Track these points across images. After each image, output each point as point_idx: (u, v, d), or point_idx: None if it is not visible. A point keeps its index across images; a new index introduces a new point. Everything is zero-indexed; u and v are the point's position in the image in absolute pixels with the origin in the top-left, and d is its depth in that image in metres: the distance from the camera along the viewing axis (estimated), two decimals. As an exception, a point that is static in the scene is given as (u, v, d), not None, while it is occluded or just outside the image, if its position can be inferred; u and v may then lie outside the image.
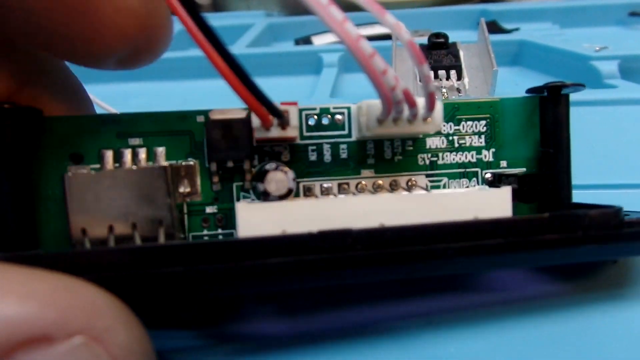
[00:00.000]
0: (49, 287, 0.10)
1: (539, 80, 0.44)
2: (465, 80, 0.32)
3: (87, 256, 0.13)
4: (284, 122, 0.15)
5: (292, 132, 0.16)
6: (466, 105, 0.19)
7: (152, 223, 0.15)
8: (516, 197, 0.17)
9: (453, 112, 0.19)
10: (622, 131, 0.31)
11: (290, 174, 0.16)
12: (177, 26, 0.15)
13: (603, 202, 0.24)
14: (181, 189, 0.17)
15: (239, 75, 0.14)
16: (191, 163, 0.17)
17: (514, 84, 0.41)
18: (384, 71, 0.14)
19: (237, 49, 0.51)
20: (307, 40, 0.56)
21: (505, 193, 0.17)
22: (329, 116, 0.18)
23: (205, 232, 0.18)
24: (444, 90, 0.32)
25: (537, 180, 0.18)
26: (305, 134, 0.18)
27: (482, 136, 0.19)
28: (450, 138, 0.19)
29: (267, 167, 0.16)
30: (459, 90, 0.32)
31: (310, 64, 0.47)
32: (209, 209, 0.18)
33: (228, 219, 0.18)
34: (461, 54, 0.33)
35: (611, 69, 0.38)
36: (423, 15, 0.59)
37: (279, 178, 0.16)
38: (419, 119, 0.16)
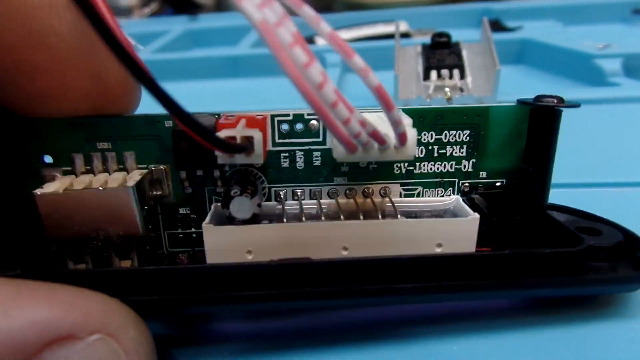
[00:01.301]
0: (70, 295, 0.12)
1: (542, 78, 0.43)
2: (468, 79, 0.31)
3: (69, 276, 0.14)
4: (247, 150, 0.15)
5: (256, 159, 0.15)
6: (451, 112, 0.18)
7: (124, 238, 0.16)
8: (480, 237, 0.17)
9: (436, 120, 0.18)
10: (626, 129, 0.30)
11: (256, 199, 0.16)
12: (178, 28, 0.13)
13: (605, 201, 0.24)
14: (153, 192, 0.18)
15: (180, 118, 0.13)
16: (161, 167, 0.17)
17: (518, 82, 0.42)
18: (346, 120, 0.13)
19: (240, 49, 0.51)
20: (310, 40, 0.55)
21: (473, 223, 0.16)
22: (303, 123, 0.17)
23: (180, 230, 0.18)
24: (447, 89, 0.31)
25: (505, 206, 0.17)
26: (278, 140, 0.17)
27: (464, 146, 0.18)
28: (430, 147, 0.18)
29: (232, 192, 0.16)
30: (461, 89, 0.31)
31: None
32: (182, 210, 0.18)
33: (201, 219, 0.18)
34: (464, 53, 0.32)
35: (614, 67, 0.38)
36: (426, 13, 0.59)
37: (243, 204, 0.16)
38: (391, 148, 0.15)
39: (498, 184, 0.18)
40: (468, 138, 0.18)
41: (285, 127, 0.17)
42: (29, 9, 0.14)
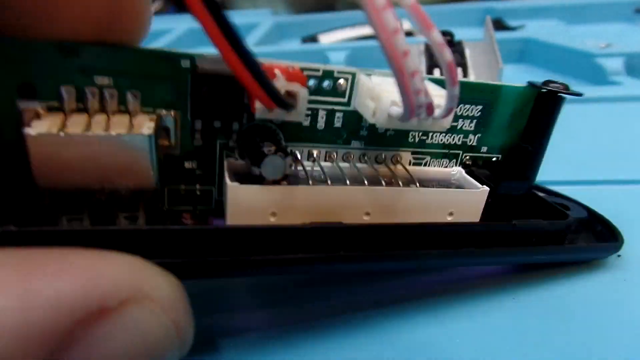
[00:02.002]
0: (89, 262, 0.10)
1: (544, 77, 0.45)
2: (471, 77, 0.32)
3: (64, 235, 0.12)
4: (289, 108, 0.14)
5: (296, 116, 0.14)
6: (469, 86, 0.18)
7: (132, 193, 0.14)
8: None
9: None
10: (627, 128, 0.30)
11: (289, 159, 0.15)
12: (183, 26, 0.11)
13: (608, 198, 0.24)
14: (159, 141, 0.15)
15: (243, 58, 0.12)
16: (171, 113, 0.15)
17: (520, 81, 0.44)
18: (413, 73, 0.12)
19: None
20: (313, 39, 0.55)
21: (482, 194, 0.17)
22: (331, 81, 0.16)
23: (183, 186, 0.16)
24: None
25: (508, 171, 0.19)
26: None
27: (474, 121, 0.19)
28: (445, 119, 0.18)
29: (265, 149, 0.14)
30: None
31: (317, 62, 0.44)
32: (188, 164, 0.16)
33: (208, 176, 0.16)
34: (467, 52, 0.32)
35: (616, 66, 0.38)
36: (429, 12, 0.58)
37: (276, 163, 0.15)
38: (430, 119, 0.15)
39: (494, 159, 0.20)
40: (479, 113, 0.19)
41: (312, 82, 0.16)
42: None
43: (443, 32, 0.34)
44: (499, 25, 0.54)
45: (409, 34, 0.44)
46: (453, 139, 0.19)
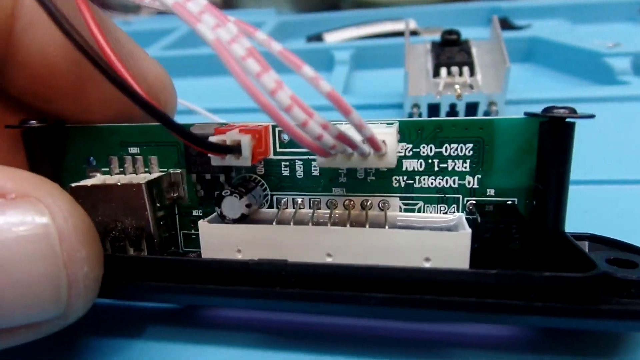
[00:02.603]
0: (8, 170, 0.14)
1: (551, 77, 0.43)
2: (478, 76, 0.31)
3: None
4: (235, 152, 0.16)
5: (244, 162, 0.16)
6: (451, 125, 0.17)
7: (137, 230, 0.18)
8: (475, 253, 0.16)
9: (435, 133, 0.17)
10: (635, 127, 0.30)
11: (244, 200, 0.17)
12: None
13: (616, 198, 0.24)
14: (172, 194, 0.20)
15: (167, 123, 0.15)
16: (178, 171, 0.19)
17: (527, 80, 0.43)
18: (304, 122, 0.13)
19: None
20: (318, 38, 0.57)
21: (463, 238, 0.15)
22: (302, 133, 0.18)
23: (193, 231, 0.20)
24: (457, 86, 0.30)
25: (504, 234, 0.16)
26: (279, 149, 0.18)
27: (467, 160, 0.17)
28: (430, 161, 0.17)
29: (223, 192, 0.17)
30: (471, 86, 0.30)
31: (322, 61, 0.48)
32: (195, 212, 0.20)
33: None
34: (473, 50, 0.31)
35: (624, 66, 0.38)
36: (433, 12, 0.59)
37: (232, 204, 0.17)
38: (372, 156, 0.15)
39: (509, 202, 0.17)
40: (471, 152, 0.17)
41: (285, 136, 0.18)
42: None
43: (449, 31, 0.34)
44: (505, 24, 0.51)
45: (413, 33, 0.41)
46: (447, 182, 0.17)
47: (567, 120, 0.15)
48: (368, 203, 0.18)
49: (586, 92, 0.35)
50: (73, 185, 0.18)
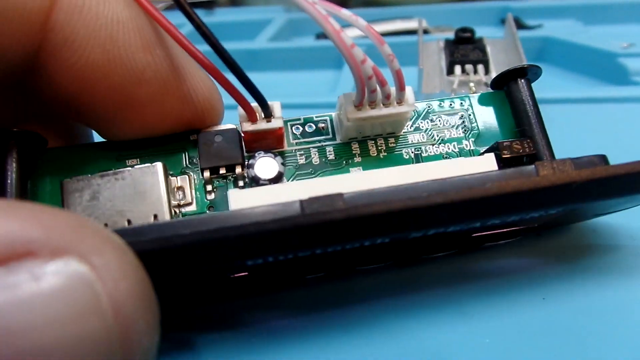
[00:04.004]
0: (32, 210, 0.10)
1: (564, 77, 0.43)
2: (493, 74, 0.31)
3: None
4: (267, 114, 0.17)
5: (277, 122, 0.17)
6: (438, 103, 0.20)
7: (148, 218, 0.16)
8: (501, 163, 0.17)
9: (425, 112, 0.20)
10: None
11: (279, 158, 0.17)
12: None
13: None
14: (176, 201, 0.18)
15: (229, 66, 0.16)
16: (185, 176, 0.18)
17: (540, 80, 0.34)
18: (352, 45, 0.15)
19: (257, 43, 0.50)
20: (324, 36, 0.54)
21: (489, 159, 0.17)
22: (313, 125, 0.19)
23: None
24: (471, 84, 0.31)
25: (518, 146, 0.18)
26: (292, 141, 0.19)
27: (459, 128, 0.20)
28: (430, 132, 0.20)
29: (256, 155, 0.16)
30: (486, 84, 0.31)
31: (332, 59, 0.46)
32: (205, 218, 0.18)
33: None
34: (488, 49, 0.33)
35: (638, 66, 0.38)
36: (444, 11, 0.59)
37: (267, 163, 0.16)
38: (393, 100, 0.17)
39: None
40: (460, 121, 0.20)
41: (297, 129, 0.19)
42: (128, 52, 0.16)
43: (463, 29, 0.34)
44: (517, 24, 0.49)
45: (424, 32, 0.39)
46: (448, 148, 0.20)
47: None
48: (386, 177, 0.19)
49: (600, 92, 0.35)
50: (69, 178, 0.16)
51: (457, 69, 0.32)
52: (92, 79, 0.15)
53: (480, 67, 0.32)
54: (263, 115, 0.17)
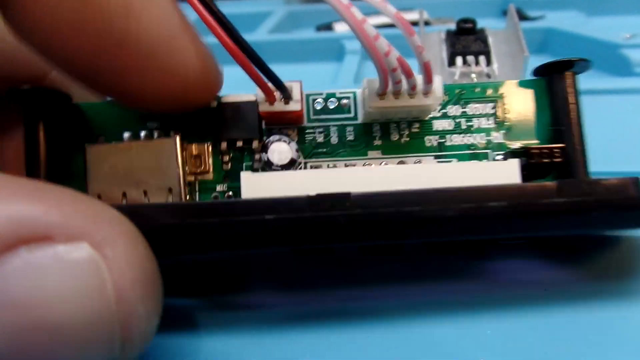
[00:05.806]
0: (56, 195, 0.11)
1: None
2: (495, 65, 0.31)
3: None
4: (286, 96, 0.16)
5: (294, 105, 0.16)
6: (471, 89, 0.19)
7: (162, 191, 0.16)
8: (525, 170, 0.17)
9: (458, 96, 0.19)
10: None
11: (293, 144, 0.16)
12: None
13: None
14: (194, 168, 0.18)
15: (245, 51, 0.15)
16: (204, 144, 0.18)
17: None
18: (376, 36, 0.14)
19: (258, 35, 0.50)
20: (328, 27, 0.55)
21: (513, 165, 0.16)
22: (335, 100, 0.19)
23: (215, 210, 0.18)
24: (473, 75, 0.31)
25: (547, 153, 0.17)
26: (312, 116, 0.19)
27: (491, 118, 0.19)
28: (457, 120, 0.19)
29: (271, 138, 0.16)
30: (488, 75, 0.31)
31: (332, 50, 0.46)
32: (219, 187, 0.18)
33: (237, 196, 0.18)
34: (490, 40, 0.32)
35: None
36: (445, 2, 0.58)
37: (281, 148, 0.16)
38: (419, 92, 0.16)
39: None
40: (493, 110, 0.19)
41: (318, 105, 0.19)
42: (106, 15, 0.15)
43: (465, 20, 0.33)
44: (519, 15, 0.48)
45: (425, 23, 0.39)
46: (475, 139, 0.19)
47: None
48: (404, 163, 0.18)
49: (602, 83, 0.35)
50: (91, 145, 0.16)
51: (459, 60, 0.32)
52: (59, 29, 0.14)
53: (482, 59, 0.31)
54: (282, 97, 0.16)
